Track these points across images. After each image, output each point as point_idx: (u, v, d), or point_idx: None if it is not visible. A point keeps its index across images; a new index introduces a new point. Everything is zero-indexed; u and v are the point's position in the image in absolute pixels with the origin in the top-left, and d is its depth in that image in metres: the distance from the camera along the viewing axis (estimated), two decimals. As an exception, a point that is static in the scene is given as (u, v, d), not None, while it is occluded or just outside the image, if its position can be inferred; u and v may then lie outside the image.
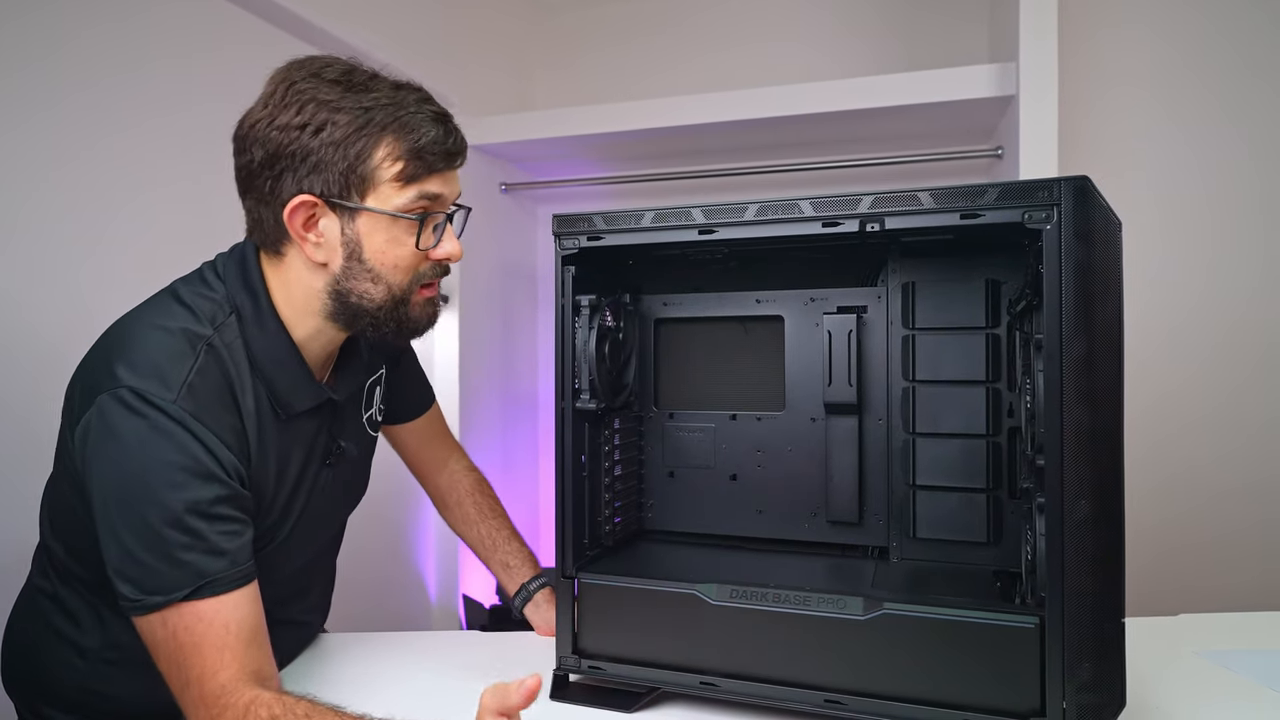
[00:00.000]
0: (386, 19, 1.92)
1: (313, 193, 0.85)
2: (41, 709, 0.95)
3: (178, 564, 0.77)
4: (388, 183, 0.85)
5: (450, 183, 0.91)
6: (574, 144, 2.30)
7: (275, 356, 0.88)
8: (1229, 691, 0.98)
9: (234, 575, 0.80)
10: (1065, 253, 0.78)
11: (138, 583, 0.78)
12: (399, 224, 0.87)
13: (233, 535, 0.81)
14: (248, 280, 0.89)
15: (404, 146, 0.85)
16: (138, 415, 0.78)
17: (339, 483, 1.02)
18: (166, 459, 0.78)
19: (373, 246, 0.87)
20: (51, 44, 1.27)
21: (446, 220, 0.91)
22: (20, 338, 1.22)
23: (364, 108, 0.84)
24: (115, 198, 1.37)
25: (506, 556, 1.25)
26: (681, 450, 1.19)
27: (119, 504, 0.78)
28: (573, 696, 0.98)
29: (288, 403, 0.90)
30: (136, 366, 0.80)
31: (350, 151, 0.84)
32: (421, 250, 0.89)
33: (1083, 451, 0.78)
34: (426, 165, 0.86)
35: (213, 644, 0.77)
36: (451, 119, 0.90)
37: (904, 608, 0.85)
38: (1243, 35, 2.10)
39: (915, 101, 1.92)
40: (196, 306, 0.86)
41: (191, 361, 0.81)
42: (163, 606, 0.77)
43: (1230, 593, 2.08)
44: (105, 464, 0.79)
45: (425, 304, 0.93)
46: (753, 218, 0.92)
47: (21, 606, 0.99)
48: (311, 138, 0.83)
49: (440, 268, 0.92)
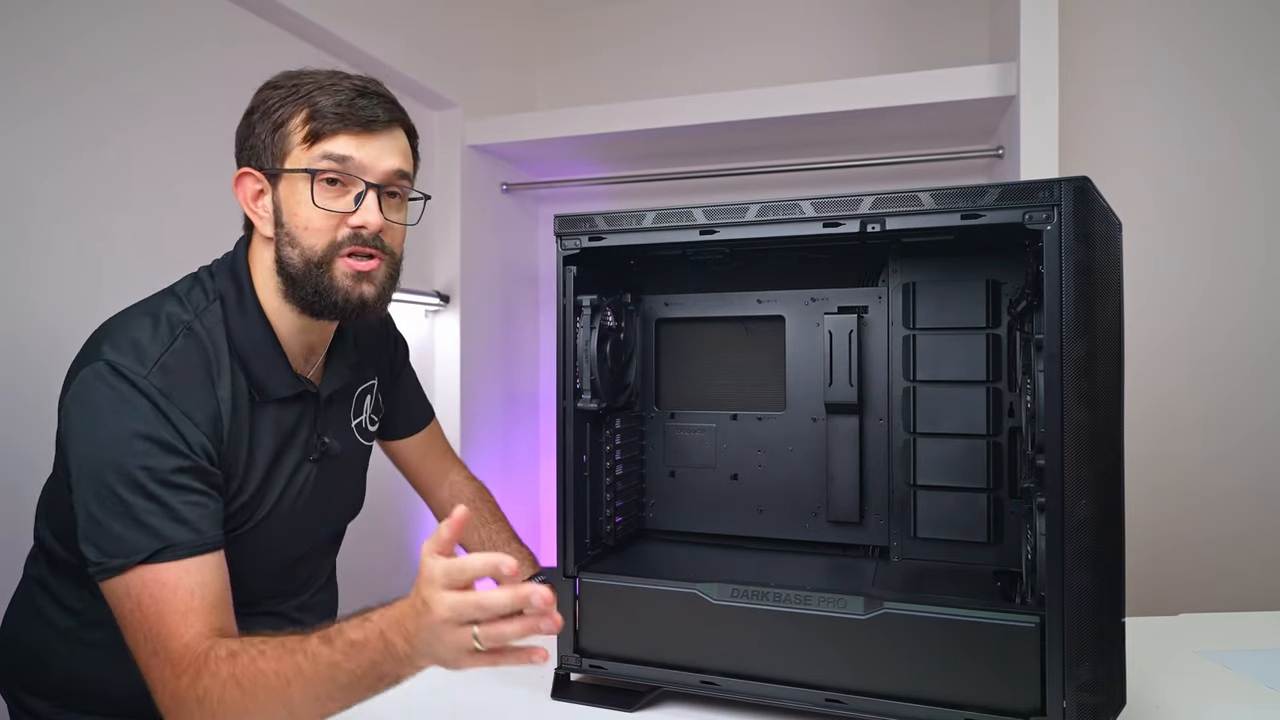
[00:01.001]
0: (388, 20, 1.92)
1: (249, 165, 0.92)
2: (23, 697, 0.96)
3: (139, 526, 0.79)
4: (298, 146, 0.89)
5: (366, 150, 0.90)
6: (575, 144, 2.31)
7: (253, 341, 0.92)
8: (1229, 691, 0.98)
9: (197, 543, 0.81)
10: (1065, 253, 0.78)
11: (100, 546, 0.80)
12: (307, 185, 0.89)
13: (196, 506, 0.82)
14: (234, 269, 0.95)
15: (311, 109, 0.89)
16: (109, 386, 0.82)
17: (326, 482, 1.03)
18: (132, 428, 0.81)
19: (289, 209, 0.91)
20: (60, 43, 1.27)
21: (370, 190, 0.90)
22: (23, 337, 1.22)
23: (294, 85, 0.90)
24: (121, 198, 1.37)
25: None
26: (683, 450, 1.20)
27: (89, 469, 0.81)
28: (574, 695, 0.98)
29: (263, 387, 0.93)
30: (118, 345, 0.84)
31: (271, 121, 0.90)
32: (320, 207, 0.89)
33: (1083, 451, 0.79)
34: (327, 123, 0.88)
35: (176, 609, 0.78)
36: (374, 93, 0.92)
37: (904, 607, 0.86)
38: (1244, 34, 2.10)
39: (916, 102, 1.92)
40: (186, 297, 0.92)
41: (169, 342, 0.86)
42: (124, 569, 0.79)
43: (1231, 593, 2.08)
44: (78, 431, 0.83)
45: (349, 275, 0.91)
46: (754, 218, 0.93)
47: (15, 599, 1.02)
48: (254, 119, 0.92)
49: (356, 237, 0.90)
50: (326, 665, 0.73)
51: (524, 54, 2.65)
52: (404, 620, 0.71)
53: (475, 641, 0.68)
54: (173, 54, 1.46)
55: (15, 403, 1.20)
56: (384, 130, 0.92)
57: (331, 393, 1.02)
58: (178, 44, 1.47)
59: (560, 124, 2.23)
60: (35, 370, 1.22)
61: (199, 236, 1.48)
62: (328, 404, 1.02)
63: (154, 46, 1.43)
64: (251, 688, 0.74)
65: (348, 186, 0.90)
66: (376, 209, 0.91)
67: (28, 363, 1.22)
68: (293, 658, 0.74)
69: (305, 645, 0.74)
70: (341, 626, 0.75)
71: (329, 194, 0.90)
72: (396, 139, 0.94)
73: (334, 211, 0.90)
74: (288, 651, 0.75)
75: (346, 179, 0.90)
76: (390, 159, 0.92)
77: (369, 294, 0.93)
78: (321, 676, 0.73)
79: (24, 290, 1.23)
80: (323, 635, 0.75)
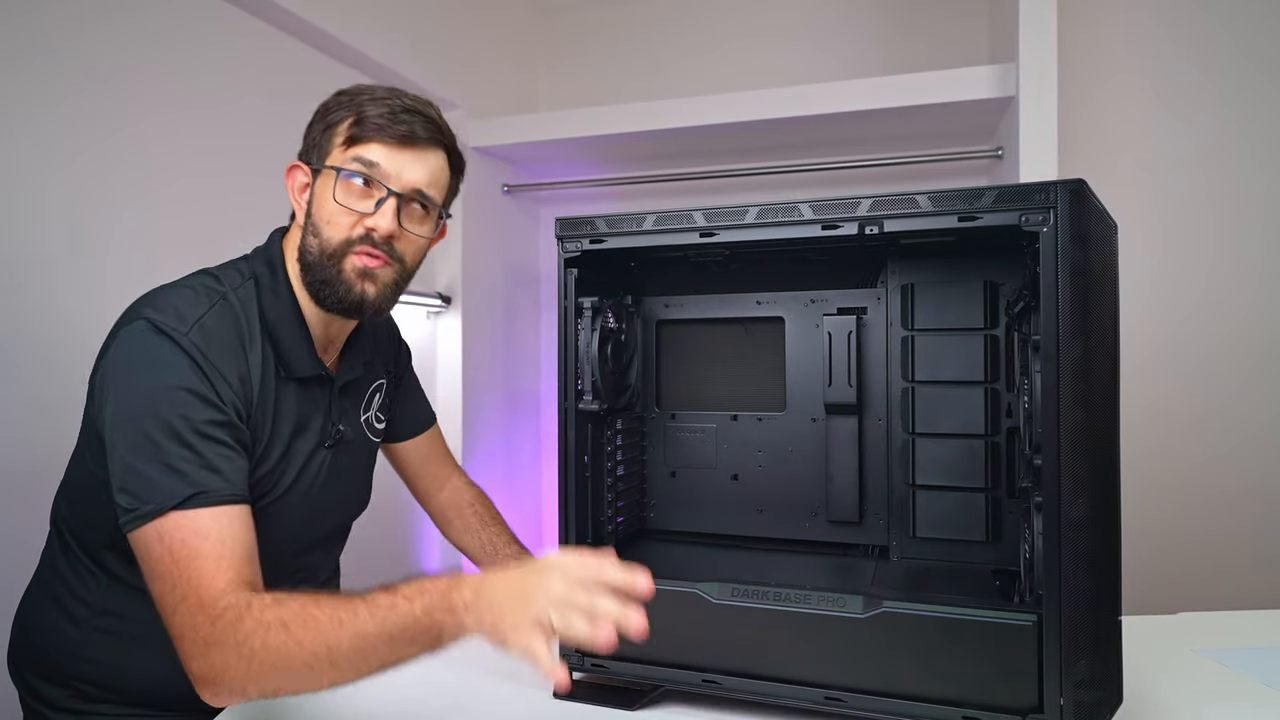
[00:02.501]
0: (390, 22, 1.93)
1: (301, 158, 0.99)
2: (37, 685, 0.97)
3: (173, 473, 0.81)
4: (339, 147, 0.96)
5: (395, 160, 0.95)
6: (576, 145, 2.32)
7: (283, 318, 0.97)
8: (1228, 689, 0.98)
9: (229, 492, 0.83)
10: (1061, 255, 0.79)
11: (135, 493, 0.81)
12: (337, 181, 0.95)
13: (227, 459, 0.85)
14: (269, 255, 1.00)
15: (357, 115, 0.95)
16: (150, 341, 0.85)
17: (337, 472, 1.05)
18: (170, 380, 0.84)
19: (318, 202, 0.96)
20: (61, 41, 1.28)
21: (391, 197, 0.95)
22: (27, 335, 1.23)
23: (354, 94, 0.97)
24: (123, 195, 1.38)
25: (506, 560, 1.26)
26: (683, 450, 1.21)
27: (126, 419, 0.83)
28: (576, 694, 0.99)
29: (289, 363, 0.96)
30: (158, 307, 0.88)
31: (325, 122, 0.97)
32: (340, 204, 0.94)
33: (1080, 451, 0.79)
34: (364, 130, 0.94)
35: (209, 554, 0.79)
36: (419, 112, 0.97)
37: (903, 606, 0.86)
38: (1245, 33, 2.11)
39: (916, 103, 1.93)
40: (220, 274, 0.97)
41: (206, 307, 0.90)
42: (158, 514, 0.80)
43: (1230, 591, 2.09)
44: (117, 384, 0.85)
45: (358, 271, 0.95)
46: (753, 220, 0.93)
47: (31, 589, 1.03)
48: (314, 118, 0.99)
49: (368, 237, 0.95)
50: (384, 606, 0.74)
51: (525, 55, 2.66)
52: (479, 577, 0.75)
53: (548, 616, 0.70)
54: (174, 55, 1.47)
55: (19, 397, 1.21)
56: (419, 147, 0.96)
57: (346, 383, 1.06)
58: (179, 46, 1.48)
59: (561, 125, 2.23)
60: (39, 365, 1.23)
61: (200, 234, 1.49)
62: (342, 394, 1.05)
63: (155, 48, 1.44)
64: (299, 631, 0.74)
65: (373, 191, 0.95)
66: (392, 215, 0.95)
67: (31, 358, 1.23)
68: (349, 603, 0.75)
69: (365, 594, 0.77)
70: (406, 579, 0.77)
71: (354, 194, 0.95)
72: (429, 159, 0.98)
73: (353, 210, 0.94)
74: (344, 599, 0.76)
75: (373, 184, 0.95)
76: (416, 173, 0.96)
77: (370, 292, 0.96)
78: (375, 618, 0.74)
79: (27, 291, 1.24)
80: (386, 585, 0.77)
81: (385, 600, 0.75)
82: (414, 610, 0.74)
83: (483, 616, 0.73)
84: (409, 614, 0.74)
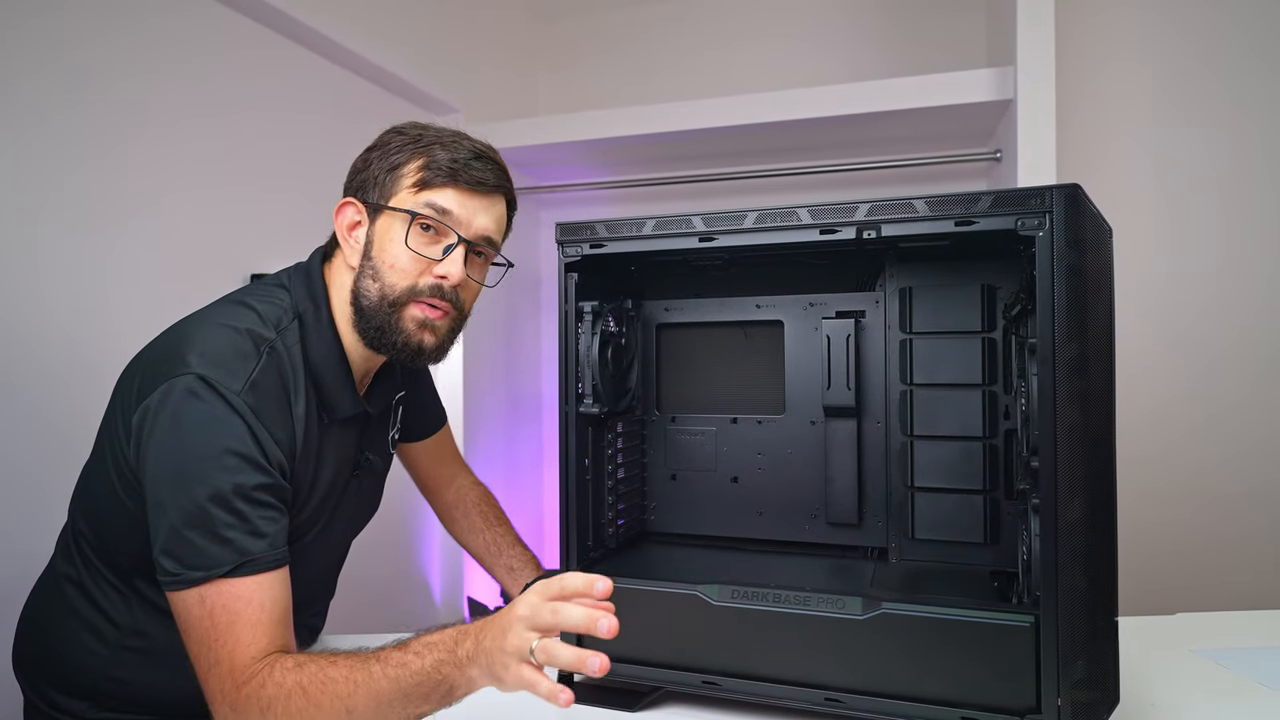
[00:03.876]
0: (390, 26, 1.94)
1: (355, 195, 0.97)
2: (50, 694, 0.97)
3: (222, 541, 0.81)
4: (407, 189, 0.94)
5: (467, 208, 0.95)
6: (576, 149, 2.32)
7: (327, 362, 0.95)
8: (1224, 688, 0.99)
9: (272, 557, 0.83)
10: (1057, 259, 0.80)
11: (181, 558, 0.81)
12: (404, 225, 0.93)
13: (272, 521, 0.85)
14: (312, 289, 0.97)
15: (427, 159, 0.94)
16: (203, 401, 0.83)
17: (362, 494, 1.06)
18: (223, 444, 0.82)
19: (380, 244, 0.94)
20: (70, 50, 1.29)
21: (460, 244, 0.94)
22: (36, 339, 1.24)
23: (419, 135, 0.96)
24: (130, 204, 1.39)
25: (510, 560, 1.27)
26: (683, 453, 1.21)
27: (172, 481, 0.82)
28: (577, 696, 0.98)
29: (332, 407, 0.95)
30: (207, 357, 0.85)
31: (389, 162, 0.95)
32: (411, 249, 0.92)
33: (1076, 453, 0.80)
34: (439, 175, 0.93)
35: (248, 621, 0.81)
36: (489, 158, 0.97)
37: (902, 607, 0.87)
38: (1246, 32, 2.10)
39: (915, 106, 1.94)
40: (264, 311, 0.93)
41: (256, 360, 0.87)
42: (203, 582, 0.80)
43: (1230, 594, 2.09)
44: (164, 443, 0.83)
45: (417, 321, 0.94)
46: (751, 225, 0.94)
47: (42, 591, 1.01)
48: (373, 155, 0.97)
49: (437, 287, 0.94)
50: (396, 665, 0.76)
51: (525, 59, 2.67)
52: (478, 626, 0.76)
53: (531, 655, 0.71)
54: (175, 60, 1.48)
55: (26, 404, 1.22)
56: (487, 194, 0.97)
57: (379, 411, 1.06)
58: (180, 51, 1.49)
59: (561, 129, 2.24)
60: (45, 372, 1.24)
61: (203, 243, 1.50)
62: (373, 421, 1.05)
63: (156, 53, 1.44)
64: (318, 695, 0.77)
65: (440, 238, 0.94)
66: (462, 263, 0.94)
67: (38, 365, 1.24)
68: (364, 664, 0.78)
69: (378, 652, 0.79)
70: (418, 633, 0.79)
71: (422, 240, 0.94)
72: (496, 205, 0.99)
73: (423, 256, 0.93)
74: (359, 659, 0.78)
75: (442, 230, 0.94)
76: (485, 221, 0.97)
77: (429, 343, 0.96)
78: (389, 676, 0.76)
79: (33, 294, 1.24)
80: (398, 641, 0.79)
81: (397, 658, 0.77)
82: (424, 666, 0.76)
83: (481, 664, 0.75)
84: (420, 670, 0.76)
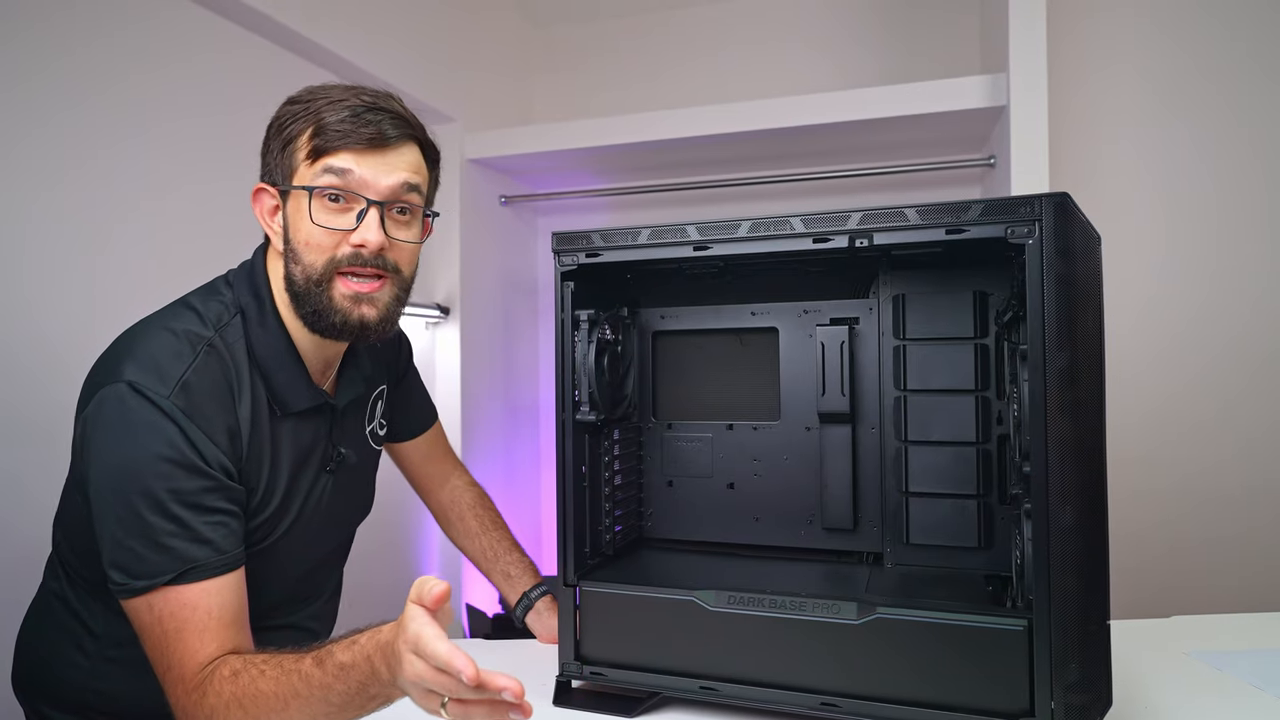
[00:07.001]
0: (386, 36, 1.95)
1: (264, 180, 0.93)
2: (45, 710, 0.97)
3: (162, 550, 0.80)
4: (303, 162, 0.89)
5: (369, 166, 0.88)
6: (573, 157, 2.34)
7: (274, 354, 0.92)
8: (1218, 690, 1.00)
9: (218, 562, 0.83)
10: (1047, 267, 0.81)
11: (125, 568, 0.81)
12: (310, 200, 0.88)
13: (218, 525, 0.83)
14: (254, 283, 0.94)
15: (317, 125, 0.88)
16: (131, 408, 0.81)
17: (341, 491, 1.04)
18: (154, 450, 0.81)
19: (294, 225, 0.90)
20: (62, 53, 1.30)
21: (372, 207, 0.89)
22: (28, 344, 1.25)
23: (307, 101, 0.90)
24: (122, 205, 1.40)
25: (508, 566, 1.27)
26: (680, 460, 1.22)
27: (111, 492, 0.81)
28: (575, 702, 1.00)
29: (284, 400, 0.93)
30: (139, 362, 0.84)
31: (283, 138, 0.90)
32: (320, 225, 0.88)
33: (1067, 458, 0.81)
34: (328, 139, 0.87)
35: (195, 628, 0.80)
36: (382, 109, 0.90)
37: (897, 612, 0.88)
38: (1237, 37, 2.12)
39: (909, 112, 1.95)
40: (204, 310, 0.91)
41: (190, 360, 0.85)
42: (147, 590, 0.80)
43: (1225, 596, 2.10)
44: (100, 453, 0.82)
45: (347, 296, 0.89)
46: (745, 234, 0.95)
47: (34, 609, 1.02)
48: (270, 135, 0.92)
49: (356, 255, 0.89)
50: (319, 687, 0.74)
51: (522, 68, 2.69)
52: (387, 652, 0.70)
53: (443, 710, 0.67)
54: (171, 69, 1.49)
55: (16, 414, 1.23)
56: (391, 146, 0.89)
57: (347, 404, 1.03)
58: (176, 59, 1.50)
59: (558, 137, 2.26)
60: (34, 381, 1.25)
61: (195, 246, 1.51)
62: (343, 415, 1.03)
63: (152, 61, 1.46)
64: (254, 709, 0.76)
65: (351, 204, 0.89)
66: (377, 226, 0.88)
67: (26, 373, 1.24)
68: (289, 679, 0.76)
69: (300, 666, 0.76)
70: (332, 649, 0.75)
71: (330, 211, 0.88)
72: (405, 155, 0.91)
73: (333, 229, 0.88)
74: (285, 672, 0.76)
75: (349, 196, 0.88)
76: (395, 174, 0.89)
77: (370, 316, 0.91)
78: (315, 697, 0.74)
79: (22, 301, 1.25)
80: (316, 657, 0.75)
81: (334, 662, 0.73)
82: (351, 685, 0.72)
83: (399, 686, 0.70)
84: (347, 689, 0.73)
